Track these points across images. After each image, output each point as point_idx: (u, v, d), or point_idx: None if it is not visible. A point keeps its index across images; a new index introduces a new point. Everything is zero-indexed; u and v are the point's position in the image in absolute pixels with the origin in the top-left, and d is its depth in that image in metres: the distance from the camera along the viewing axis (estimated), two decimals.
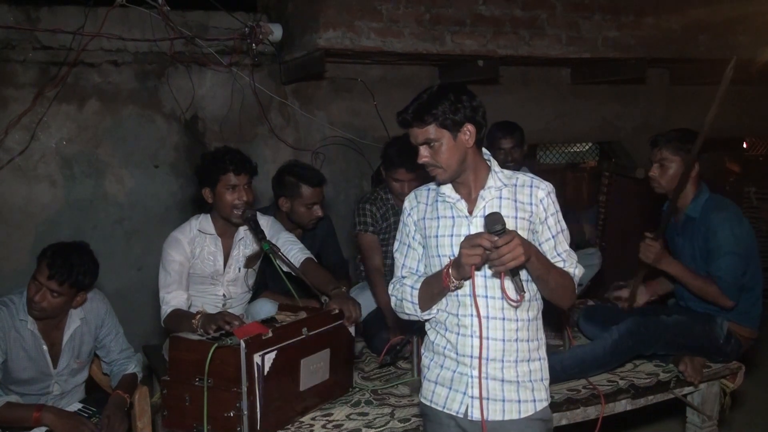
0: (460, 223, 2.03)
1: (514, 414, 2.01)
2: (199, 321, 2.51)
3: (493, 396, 2.01)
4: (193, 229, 2.87)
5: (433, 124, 1.96)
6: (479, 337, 1.99)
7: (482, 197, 2.03)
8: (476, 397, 2.00)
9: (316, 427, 2.45)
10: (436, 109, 1.95)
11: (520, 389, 2.03)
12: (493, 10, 4.04)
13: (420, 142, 2.00)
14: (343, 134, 4.43)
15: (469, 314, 2.01)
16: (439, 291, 2.03)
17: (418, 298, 2.07)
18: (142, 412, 2.82)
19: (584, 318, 3.24)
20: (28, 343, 2.65)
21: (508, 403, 2.01)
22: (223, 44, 4.10)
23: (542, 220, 2.03)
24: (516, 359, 2.02)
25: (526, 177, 2.07)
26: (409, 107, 1.99)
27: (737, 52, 4.59)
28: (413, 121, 1.98)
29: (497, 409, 2.01)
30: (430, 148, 1.99)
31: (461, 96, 1.98)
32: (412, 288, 2.09)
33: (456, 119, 1.96)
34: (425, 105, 1.97)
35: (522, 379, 2.03)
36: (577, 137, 5.70)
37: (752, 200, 5.97)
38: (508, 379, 2.02)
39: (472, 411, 2.02)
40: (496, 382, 2.01)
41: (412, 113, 1.98)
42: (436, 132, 1.97)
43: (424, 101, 1.97)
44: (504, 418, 2.01)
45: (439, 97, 1.97)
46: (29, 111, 3.76)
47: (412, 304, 2.09)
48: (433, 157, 1.99)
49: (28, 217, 3.84)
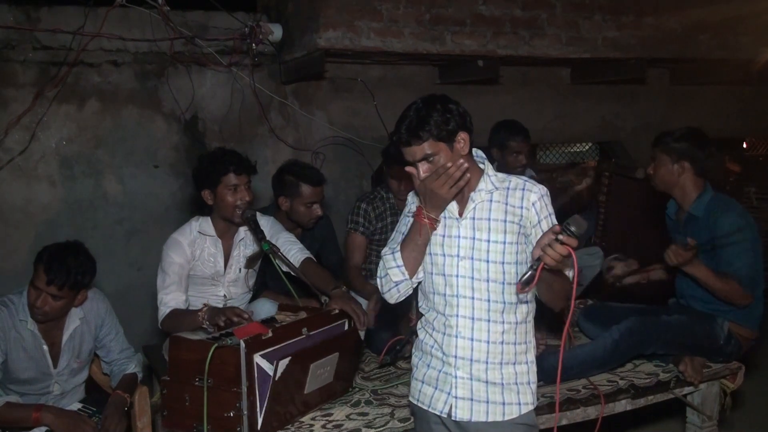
0: (451, 224, 2.06)
1: (498, 416, 2.02)
2: (205, 314, 2.51)
3: (477, 397, 2.03)
4: (193, 231, 2.87)
5: (430, 140, 1.95)
6: (465, 338, 2.01)
7: (472, 200, 2.05)
8: (460, 397, 2.03)
9: (316, 427, 2.45)
10: (429, 124, 1.94)
11: (504, 391, 2.03)
12: (493, 10, 4.04)
13: (418, 158, 1.98)
14: (343, 134, 4.43)
15: (455, 314, 2.04)
16: (421, 237, 2.02)
17: (402, 258, 2.06)
18: (142, 412, 2.82)
19: (584, 317, 3.24)
20: (28, 343, 2.65)
21: (492, 405, 2.02)
22: (223, 44, 4.10)
23: (534, 223, 2.02)
24: (501, 361, 2.03)
25: (519, 180, 2.07)
26: (401, 127, 1.97)
27: (737, 52, 4.62)
28: (410, 139, 1.96)
29: (481, 410, 2.02)
30: (429, 163, 1.98)
31: (448, 105, 1.98)
32: (393, 252, 2.08)
33: (450, 129, 1.96)
34: (417, 122, 1.95)
35: (507, 381, 2.04)
36: (577, 137, 5.70)
37: (752, 200, 5.96)
38: (492, 380, 2.03)
39: (456, 411, 2.03)
40: (480, 384, 2.03)
41: (407, 132, 1.96)
42: (433, 146, 1.96)
43: (414, 119, 1.96)
44: (488, 420, 2.02)
45: (428, 111, 1.95)
46: (29, 111, 3.76)
47: (398, 267, 2.07)
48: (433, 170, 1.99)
49: (28, 217, 3.84)
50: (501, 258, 2.01)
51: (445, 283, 2.05)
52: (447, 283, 2.05)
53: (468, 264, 2.02)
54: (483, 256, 2.01)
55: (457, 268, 2.04)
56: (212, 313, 2.50)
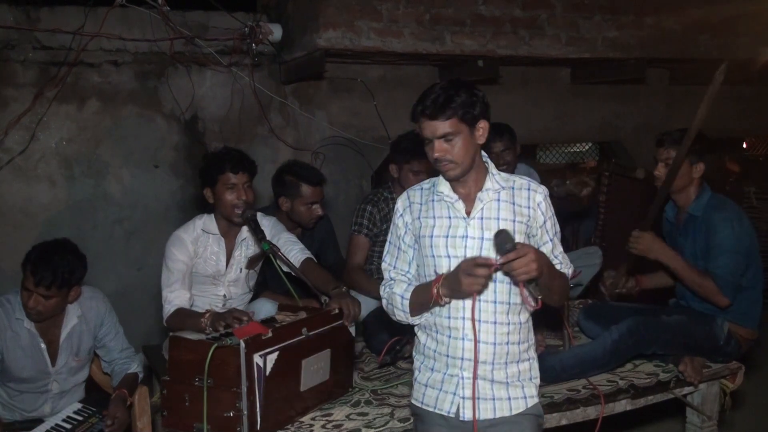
0: (457, 224, 2.01)
1: (506, 411, 2.01)
2: (208, 319, 2.52)
3: (484, 395, 2.01)
4: (196, 229, 2.88)
5: (454, 118, 1.91)
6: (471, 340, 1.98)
7: (480, 199, 2.01)
8: (467, 397, 2.01)
9: (316, 427, 2.45)
10: (456, 102, 1.90)
11: (509, 388, 2.03)
12: (493, 10, 4.04)
13: (438, 135, 1.93)
14: (343, 134, 4.43)
15: (461, 317, 2.00)
16: (429, 303, 2.00)
17: (409, 307, 2.06)
18: (142, 412, 2.82)
19: (584, 317, 3.24)
20: (25, 341, 2.66)
21: (499, 402, 2.01)
22: (222, 44, 4.10)
23: (540, 224, 2.02)
24: (506, 361, 2.03)
25: (523, 180, 2.06)
26: (426, 100, 1.92)
27: (737, 52, 4.61)
28: (436, 113, 1.91)
29: (488, 408, 2.01)
30: (447, 143, 1.94)
31: (474, 91, 1.95)
32: (402, 297, 2.07)
33: (474, 114, 1.93)
34: (445, 98, 1.90)
35: (511, 379, 2.03)
36: (577, 137, 5.71)
37: (752, 200, 5.97)
38: (497, 380, 2.02)
39: (464, 411, 2.01)
40: (486, 383, 2.02)
41: (433, 105, 1.91)
42: (455, 126, 1.92)
43: (441, 95, 1.91)
44: (495, 416, 2.01)
45: (456, 90, 1.91)
46: (29, 111, 3.76)
47: (403, 312, 2.08)
48: (449, 151, 1.94)
49: (28, 217, 3.84)
50: None
51: None
52: None
53: None
54: (491, 257, 1.96)
55: None
56: (214, 319, 2.50)
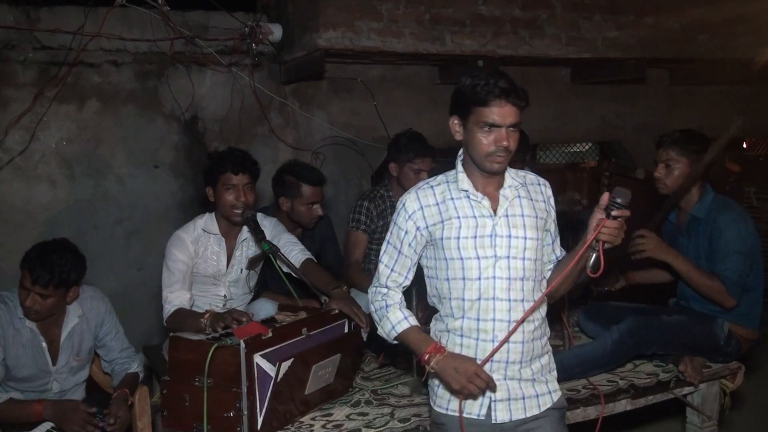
0: (484, 223, 1.96)
1: (535, 409, 2.00)
2: (208, 320, 2.52)
3: (514, 395, 1.99)
4: (197, 229, 2.88)
5: (523, 108, 1.90)
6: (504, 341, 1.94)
7: (504, 196, 1.98)
8: (498, 399, 1.98)
9: (316, 427, 2.45)
10: (524, 92, 1.89)
11: (535, 384, 2.02)
12: (493, 10, 4.03)
13: (509, 123, 1.88)
14: (343, 134, 4.43)
15: (491, 318, 1.95)
16: (414, 356, 2.01)
17: (394, 339, 2.07)
18: (142, 412, 2.82)
19: (585, 317, 3.25)
20: (26, 340, 2.66)
21: (528, 400, 1.99)
22: (222, 44, 4.09)
23: (553, 218, 2.04)
24: (531, 357, 2.01)
25: (531, 175, 2.07)
26: (498, 81, 1.85)
27: (737, 52, 4.61)
28: (519, 99, 1.87)
29: (519, 407, 1.99)
30: (513, 133, 1.90)
31: None
32: (393, 328, 2.04)
33: (524, 107, 1.92)
34: (520, 86, 1.87)
35: (536, 376, 2.02)
36: (577, 137, 5.70)
37: (752, 200, 5.97)
38: (525, 377, 2.00)
39: (495, 414, 1.98)
40: (514, 382, 1.99)
41: (517, 91, 1.87)
42: (519, 116, 1.90)
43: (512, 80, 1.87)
44: (526, 416, 1.99)
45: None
46: (29, 111, 3.75)
47: (386, 335, 2.08)
48: (513, 141, 1.90)
49: (28, 217, 3.84)
50: (534, 255, 1.97)
51: (479, 287, 1.95)
52: (482, 286, 1.95)
53: (504, 264, 1.94)
54: (519, 254, 1.94)
55: (494, 269, 1.94)
56: (213, 320, 2.50)
